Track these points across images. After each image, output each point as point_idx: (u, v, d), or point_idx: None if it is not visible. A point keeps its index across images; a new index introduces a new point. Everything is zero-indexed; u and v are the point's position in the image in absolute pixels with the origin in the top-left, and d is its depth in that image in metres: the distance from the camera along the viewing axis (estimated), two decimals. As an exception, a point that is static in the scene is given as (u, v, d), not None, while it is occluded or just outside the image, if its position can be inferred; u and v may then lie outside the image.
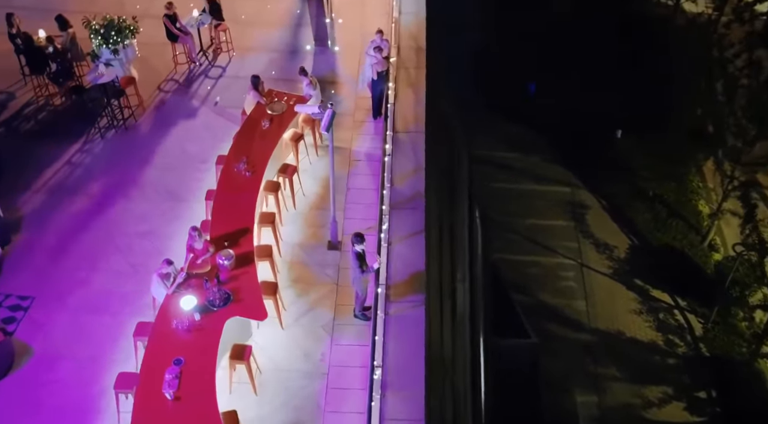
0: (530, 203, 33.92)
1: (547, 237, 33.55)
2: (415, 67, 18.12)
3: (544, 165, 34.63)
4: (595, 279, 31.82)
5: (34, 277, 14.07)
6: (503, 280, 34.17)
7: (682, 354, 24.25)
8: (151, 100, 17.71)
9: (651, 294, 27.71)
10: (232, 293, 12.47)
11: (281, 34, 19.60)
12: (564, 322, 31.75)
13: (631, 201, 30.93)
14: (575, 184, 33.67)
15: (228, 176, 14.49)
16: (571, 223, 32.99)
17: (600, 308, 31.01)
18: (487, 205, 34.26)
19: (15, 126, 17.17)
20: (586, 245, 32.61)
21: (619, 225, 32.27)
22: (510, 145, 34.84)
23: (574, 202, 33.29)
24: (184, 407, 11.08)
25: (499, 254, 34.12)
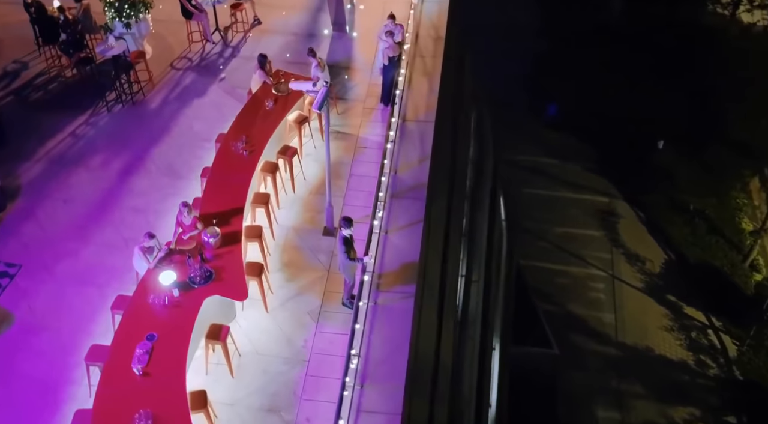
0: (564, 211, 33.22)
1: (579, 246, 32.81)
2: (432, 57, 17.63)
3: (582, 173, 33.91)
4: (626, 292, 31.02)
5: (24, 245, 13.91)
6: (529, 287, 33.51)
7: (714, 375, 23.39)
8: (162, 77, 17.50)
9: (684, 311, 26.81)
10: (215, 272, 12.12)
11: (300, 18, 19.27)
12: (591, 334, 30.95)
13: (669, 214, 30.03)
14: (612, 194, 32.88)
15: (225, 154, 14.16)
16: (605, 233, 32.21)
17: (629, 323, 30.16)
18: (520, 211, 33.69)
19: (24, 95, 17.10)
20: (619, 256, 31.78)
21: (655, 238, 31.40)
22: (548, 151, 34.21)
23: (609, 212, 32.48)
24: (151, 383, 10.75)
25: (528, 260, 33.49)
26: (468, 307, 23.57)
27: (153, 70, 17.50)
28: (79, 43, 16.74)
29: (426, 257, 13.99)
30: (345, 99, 16.93)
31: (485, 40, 32.44)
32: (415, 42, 17.88)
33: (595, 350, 30.83)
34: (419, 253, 13.46)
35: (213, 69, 17.77)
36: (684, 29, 31.38)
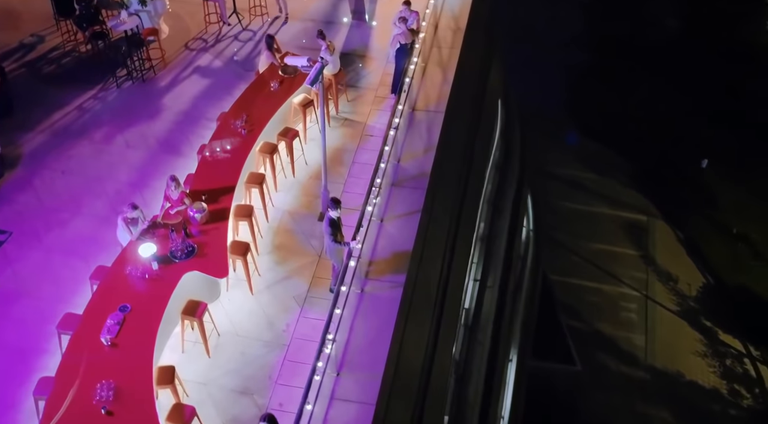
0: (600, 227, 32.29)
1: (612, 264, 31.86)
2: (450, 48, 17.16)
3: (621, 189, 32.94)
4: (659, 314, 29.97)
5: (17, 213, 13.78)
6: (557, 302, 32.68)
7: (747, 406, 22.40)
8: (175, 56, 17.32)
9: (720, 338, 25.73)
10: (197, 247, 11.80)
11: (321, 5, 18.97)
12: (618, 354, 29.98)
13: (710, 236, 29.01)
14: (651, 212, 31.84)
15: (223, 132, 13.86)
16: (640, 252, 31.19)
17: (660, 346, 29.12)
18: (552, 223, 32.88)
19: (37, 68, 17.06)
20: (654, 277, 30.74)
21: (693, 260, 30.30)
22: (585, 164, 33.30)
23: (647, 230, 31.48)
24: (118, 354, 10.44)
25: (558, 275, 32.66)
26: (481, 312, 22.97)
27: (167, 50, 17.33)
28: (94, 17, 16.65)
29: (422, 248, 13.49)
30: (356, 87, 16.54)
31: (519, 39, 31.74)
32: (434, 32, 17.43)
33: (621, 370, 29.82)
34: (413, 243, 12.98)
35: (227, 51, 17.53)
36: (740, 48, 30.44)
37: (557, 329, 31.55)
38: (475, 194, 19.75)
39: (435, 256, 14.53)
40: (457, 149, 16.79)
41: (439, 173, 14.63)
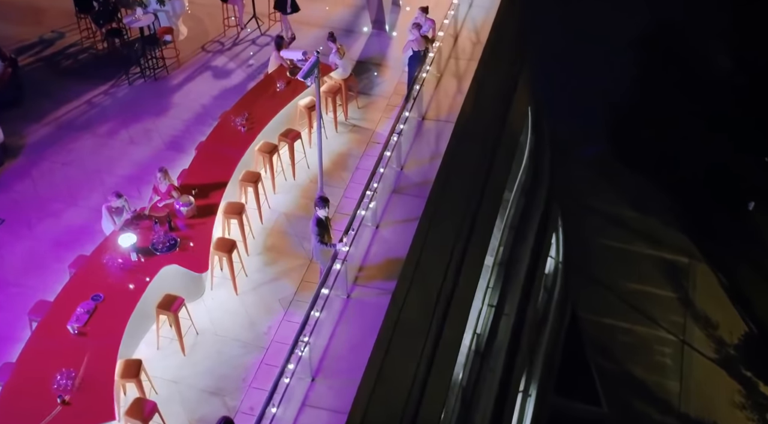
0: (637, 266, 31.34)
1: (649, 305, 30.84)
2: (468, 60, 16.72)
3: (663, 228, 31.97)
4: (695, 360, 28.82)
5: (14, 201, 13.66)
6: (587, 340, 31.63)
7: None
8: (190, 57, 17.18)
9: (760, 390, 24.59)
10: (180, 241, 11.44)
11: (343, 14, 18.72)
12: (649, 399, 28.84)
13: (755, 282, 27.99)
14: (694, 255, 30.76)
15: (222, 128, 13.60)
16: (679, 295, 30.15)
17: (695, 393, 27.97)
18: (588, 259, 31.94)
19: (52, 62, 17.09)
20: (693, 322, 29.63)
21: (735, 306, 29.11)
22: (626, 199, 32.33)
23: (688, 272, 30.46)
24: (83, 344, 10.08)
25: (590, 312, 31.67)
26: (495, 339, 22.22)
27: (184, 51, 17.22)
28: (111, 14, 16.62)
29: (419, 256, 12.96)
30: (369, 94, 16.18)
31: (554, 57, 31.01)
32: (453, 43, 17.03)
33: (651, 416, 28.62)
34: (408, 249, 12.45)
35: (243, 55, 17.34)
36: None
37: (584, 368, 30.48)
38: (490, 214, 19.18)
39: (434, 268, 14.01)
40: (470, 162, 16.32)
41: (444, 183, 14.13)
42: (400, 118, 13.64)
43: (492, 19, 18.03)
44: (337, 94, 15.10)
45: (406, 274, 12.34)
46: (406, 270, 12.33)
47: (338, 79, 15.18)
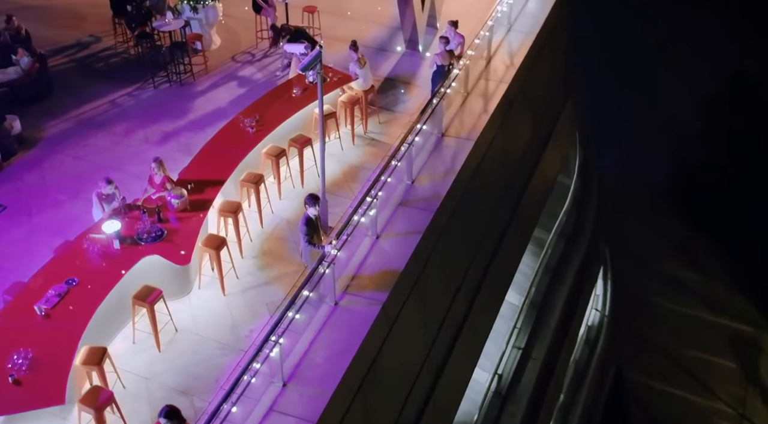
0: (697, 332, 29.69)
1: (708, 375, 29.13)
2: (498, 82, 16.16)
3: (725, 293, 30.32)
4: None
5: (18, 190, 13.60)
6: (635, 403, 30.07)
7: None
8: (219, 66, 17.08)
9: None
10: (166, 233, 11.06)
11: (378, 33, 18.44)
12: (703, 476, 27.05)
13: None
14: (758, 324, 29.02)
15: (230, 128, 13.32)
16: (741, 366, 28.40)
17: None
18: (642, 319, 30.43)
19: (84, 63, 17.25)
20: (755, 396, 27.87)
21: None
22: (689, 260, 30.73)
23: (752, 343, 28.73)
24: (48, 326, 9.71)
25: (641, 375, 30.10)
26: (519, 383, 21.11)
27: (214, 60, 17.16)
28: (143, 18, 16.69)
29: (421, 273, 12.29)
30: (392, 110, 15.74)
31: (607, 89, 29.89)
32: (485, 65, 16.51)
33: (702, 495, 26.84)
34: (407, 262, 11.79)
35: (272, 66, 17.15)
36: None
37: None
38: (517, 247, 18.31)
39: (439, 289, 13.28)
40: (493, 186, 15.63)
41: (460, 201, 13.50)
42: (413, 129, 13.11)
43: (530, 43, 17.48)
44: (354, 105, 14.69)
45: (402, 287, 11.68)
46: (403, 283, 11.67)
47: (358, 89, 14.81)
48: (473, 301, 14.83)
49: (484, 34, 16.20)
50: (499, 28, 17.61)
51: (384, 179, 12.08)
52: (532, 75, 17.61)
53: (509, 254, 17.18)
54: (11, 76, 15.62)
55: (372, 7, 19.18)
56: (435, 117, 14.20)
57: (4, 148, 14.09)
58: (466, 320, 14.49)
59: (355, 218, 11.39)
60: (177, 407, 8.40)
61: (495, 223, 15.96)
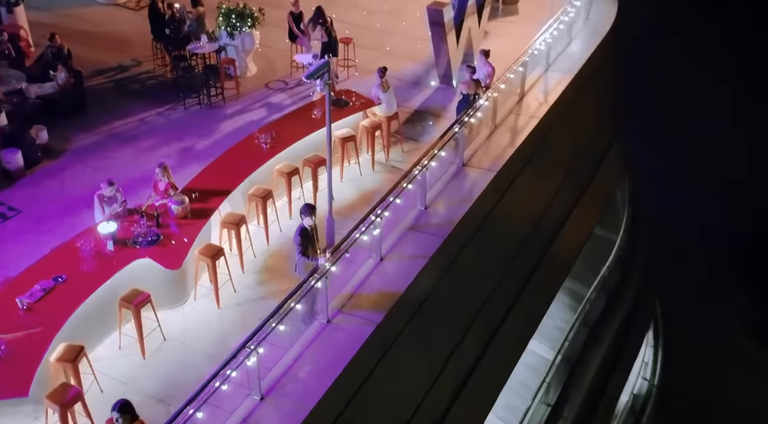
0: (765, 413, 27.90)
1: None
2: (529, 117, 15.76)
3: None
4: None
5: (36, 195, 13.73)
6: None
7: None
8: (251, 91, 17.16)
9: None
10: (162, 238, 10.89)
11: (414, 68, 18.32)
12: None
13: None
14: None
15: (245, 144, 13.29)
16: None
17: None
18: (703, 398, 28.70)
19: (121, 84, 17.58)
20: None
21: None
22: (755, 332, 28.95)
23: None
24: (26, 320, 9.56)
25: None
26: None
27: (247, 86, 17.28)
28: (181, 42, 16.96)
29: (425, 302, 11.80)
30: (417, 140, 15.49)
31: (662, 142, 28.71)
32: (518, 101, 16.16)
33: None
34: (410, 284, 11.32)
35: (303, 94, 17.14)
36: None
37: None
38: (546, 294, 17.55)
39: (446, 323, 12.72)
40: (517, 221, 15.10)
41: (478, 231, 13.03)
42: (428, 153, 12.77)
43: (567, 83, 17.08)
44: (375, 130, 14.47)
45: (402, 312, 11.18)
46: (403, 308, 11.17)
47: (381, 115, 14.62)
48: (487, 345, 14.19)
49: (517, 68, 15.89)
50: (536, 67, 17.30)
51: (391, 200, 11.72)
52: (569, 115, 17.16)
53: (534, 301, 16.48)
54: (47, 90, 15.98)
55: (412, 44, 19.12)
56: (457, 146, 13.86)
57: (27, 156, 14.28)
58: (477, 365, 13.85)
59: (355, 235, 11.01)
60: (130, 403, 8.06)
61: (519, 264, 15.35)
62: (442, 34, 16.69)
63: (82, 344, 9.70)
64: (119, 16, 20.75)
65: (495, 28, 19.96)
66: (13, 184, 14.04)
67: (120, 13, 20.91)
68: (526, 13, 20.94)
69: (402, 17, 20.44)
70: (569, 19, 18.58)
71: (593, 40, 19.30)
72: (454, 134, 13.44)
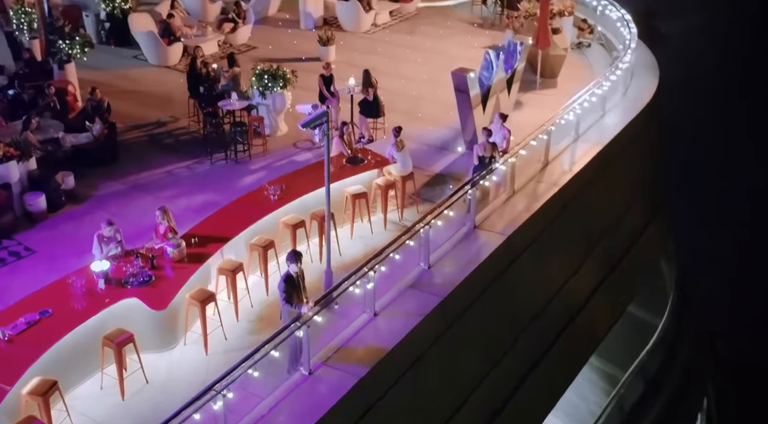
0: None
1: None
2: (551, 184, 15.52)
3: None
4: None
5: (53, 237, 14.07)
6: None
7: None
8: (278, 150, 17.42)
9: None
10: (153, 279, 10.95)
11: (442, 133, 18.37)
12: None
13: None
14: None
15: (253, 195, 13.42)
16: None
17: None
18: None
19: (155, 138, 18.10)
20: None
21: None
22: None
23: None
24: (5, 353, 9.64)
25: None
26: None
27: (275, 144, 17.57)
28: (214, 99, 17.44)
29: (417, 360, 11.46)
30: (434, 202, 15.24)
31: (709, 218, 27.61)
32: (541, 169, 15.96)
33: None
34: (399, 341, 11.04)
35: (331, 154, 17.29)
36: None
37: None
38: (564, 373, 16.75)
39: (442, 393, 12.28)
40: (531, 290, 14.68)
41: (482, 295, 12.72)
42: (434, 211, 12.63)
43: (595, 153, 16.82)
44: (390, 188, 14.44)
45: (390, 370, 10.86)
46: (392, 365, 10.86)
47: (396, 174, 14.60)
48: (492, 420, 13.63)
49: (541, 136, 15.76)
50: (564, 137, 17.13)
51: (388, 254, 11.56)
52: (596, 186, 16.82)
53: (551, 378, 15.83)
54: (82, 140, 16.56)
55: (444, 111, 19.18)
56: (468, 208, 13.69)
57: (51, 200, 14.71)
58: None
59: (345, 286, 10.86)
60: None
61: (532, 335, 14.83)
62: (467, 101, 16.75)
63: (55, 379, 9.69)
64: (167, 76, 21.53)
65: (529, 99, 19.95)
66: (33, 226, 14.45)
67: (168, 74, 21.69)
68: (564, 88, 20.84)
69: (438, 86, 20.61)
70: (603, 92, 18.43)
71: (629, 114, 19.09)
72: (463, 194, 13.28)
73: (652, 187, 21.21)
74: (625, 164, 18.57)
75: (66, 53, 19.20)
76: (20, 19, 21.16)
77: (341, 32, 25.24)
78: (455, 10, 28.37)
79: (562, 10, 23.29)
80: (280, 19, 26.85)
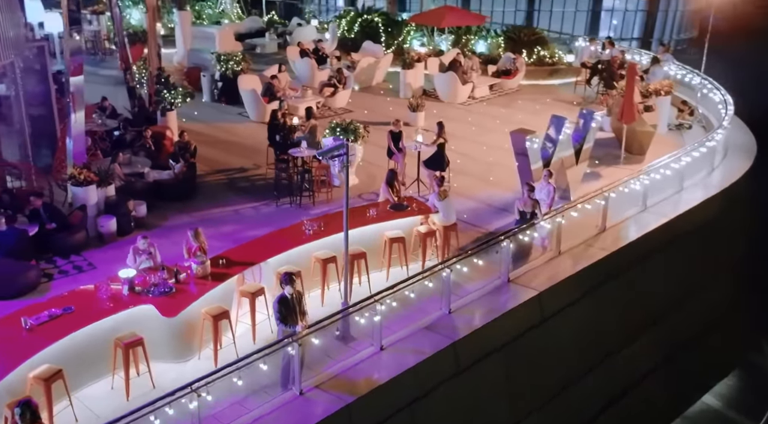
0: None
1: None
2: (586, 245, 15.26)
3: None
4: None
5: (114, 257, 14.82)
6: None
7: None
8: (342, 198, 17.98)
9: None
10: (173, 291, 11.63)
11: (507, 196, 18.25)
12: None
13: None
14: None
15: (291, 229, 13.90)
16: None
17: None
18: None
19: (232, 180, 19.26)
20: None
21: None
22: None
23: None
24: (23, 339, 10.49)
25: None
26: None
27: (341, 194, 18.13)
28: (287, 147, 18.39)
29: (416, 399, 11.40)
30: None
31: None
32: (596, 235, 15.69)
33: None
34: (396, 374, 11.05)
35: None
36: None
37: None
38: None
39: None
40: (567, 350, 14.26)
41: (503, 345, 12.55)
42: (459, 255, 12.70)
43: (658, 225, 16.34)
44: (429, 237, 14.60)
45: (385, 401, 10.86)
46: (386, 396, 10.88)
47: (439, 224, 14.77)
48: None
49: (599, 202, 15.55)
50: (630, 207, 16.79)
51: (396, 288, 11.71)
52: (657, 260, 16.26)
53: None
54: (163, 176, 17.88)
55: (515, 177, 19.24)
56: (501, 262, 13.65)
57: (121, 224, 15.89)
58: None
59: (348, 311, 11.09)
60: (34, 403, 8.49)
61: (565, 403, 14.33)
62: (526, 164, 16.77)
63: (60, 367, 10.39)
64: (261, 130, 22.80)
65: (609, 173, 19.51)
66: (101, 246, 15.60)
67: (262, 129, 23.02)
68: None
69: (516, 154, 20.74)
70: (680, 166, 17.98)
71: (709, 191, 18.46)
72: (495, 244, 13.27)
73: (738, 270, 20.16)
74: (701, 241, 17.85)
75: (169, 102, 20.90)
76: (141, 74, 23.30)
77: (438, 103, 26.02)
78: (558, 89, 28.61)
79: (659, 89, 23.01)
80: (383, 88, 28.03)
